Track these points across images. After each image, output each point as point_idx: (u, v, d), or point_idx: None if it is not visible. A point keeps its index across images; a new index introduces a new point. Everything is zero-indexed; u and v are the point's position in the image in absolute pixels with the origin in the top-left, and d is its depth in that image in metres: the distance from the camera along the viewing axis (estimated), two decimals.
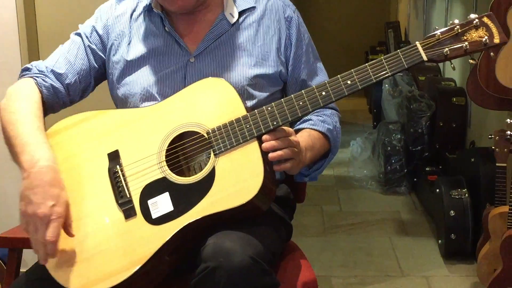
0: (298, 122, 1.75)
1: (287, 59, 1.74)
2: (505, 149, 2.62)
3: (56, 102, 1.68)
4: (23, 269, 1.84)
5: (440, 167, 3.91)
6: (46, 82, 1.66)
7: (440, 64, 4.63)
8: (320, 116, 1.74)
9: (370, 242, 3.50)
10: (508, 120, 2.42)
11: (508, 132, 2.42)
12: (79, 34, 1.74)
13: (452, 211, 3.13)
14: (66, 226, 1.44)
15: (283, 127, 1.51)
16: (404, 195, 4.18)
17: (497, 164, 2.67)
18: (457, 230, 3.14)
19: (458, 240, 3.15)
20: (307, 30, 1.80)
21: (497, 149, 2.65)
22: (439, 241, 3.32)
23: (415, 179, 4.16)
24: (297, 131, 1.69)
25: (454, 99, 3.90)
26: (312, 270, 1.75)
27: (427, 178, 3.79)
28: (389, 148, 4.21)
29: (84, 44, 1.73)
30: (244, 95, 1.63)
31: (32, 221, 1.40)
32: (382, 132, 4.33)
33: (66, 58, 1.71)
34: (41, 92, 1.64)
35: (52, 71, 1.68)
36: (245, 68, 1.68)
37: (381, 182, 4.28)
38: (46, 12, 2.79)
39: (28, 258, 2.41)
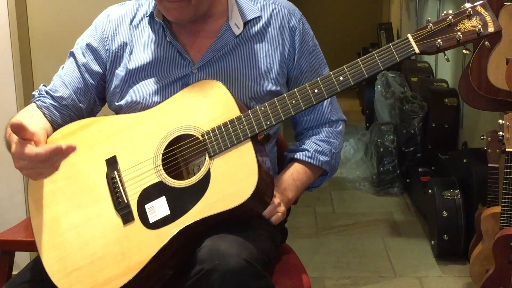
0: (296, 145, 1.77)
1: (290, 69, 1.73)
2: (497, 150, 2.63)
3: (62, 119, 1.69)
4: (15, 272, 1.83)
5: (433, 168, 3.91)
6: (45, 102, 1.69)
7: (433, 65, 4.64)
8: (319, 145, 1.75)
9: (363, 243, 3.51)
10: (500, 121, 2.42)
11: (500, 133, 2.42)
12: (73, 53, 1.75)
13: (444, 212, 3.14)
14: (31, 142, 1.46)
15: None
16: (397, 196, 4.19)
17: (489, 165, 2.68)
18: (450, 231, 3.14)
19: (450, 240, 3.15)
20: (313, 36, 1.78)
21: (489, 150, 2.66)
22: (432, 241, 3.33)
23: (407, 180, 4.16)
24: (291, 160, 1.74)
25: (446, 100, 3.90)
26: (305, 272, 1.75)
27: (420, 179, 3.79)
28: (381, 149, 4.22)
29: (78, 63, 1.73)
30: (247, 107, 1.61)
31: (18, 160, 1.45)
32: (374, 133, 4.33)
33: (61, 80, 1.73)
34: (43, 113, 1.67)
35: (49, 93, 1.71)
36: (248, 81, 1.67)
37: (374, 183, 4.28)
38: (38, 16, 2.77)
39: (20, 261, 2.40)
